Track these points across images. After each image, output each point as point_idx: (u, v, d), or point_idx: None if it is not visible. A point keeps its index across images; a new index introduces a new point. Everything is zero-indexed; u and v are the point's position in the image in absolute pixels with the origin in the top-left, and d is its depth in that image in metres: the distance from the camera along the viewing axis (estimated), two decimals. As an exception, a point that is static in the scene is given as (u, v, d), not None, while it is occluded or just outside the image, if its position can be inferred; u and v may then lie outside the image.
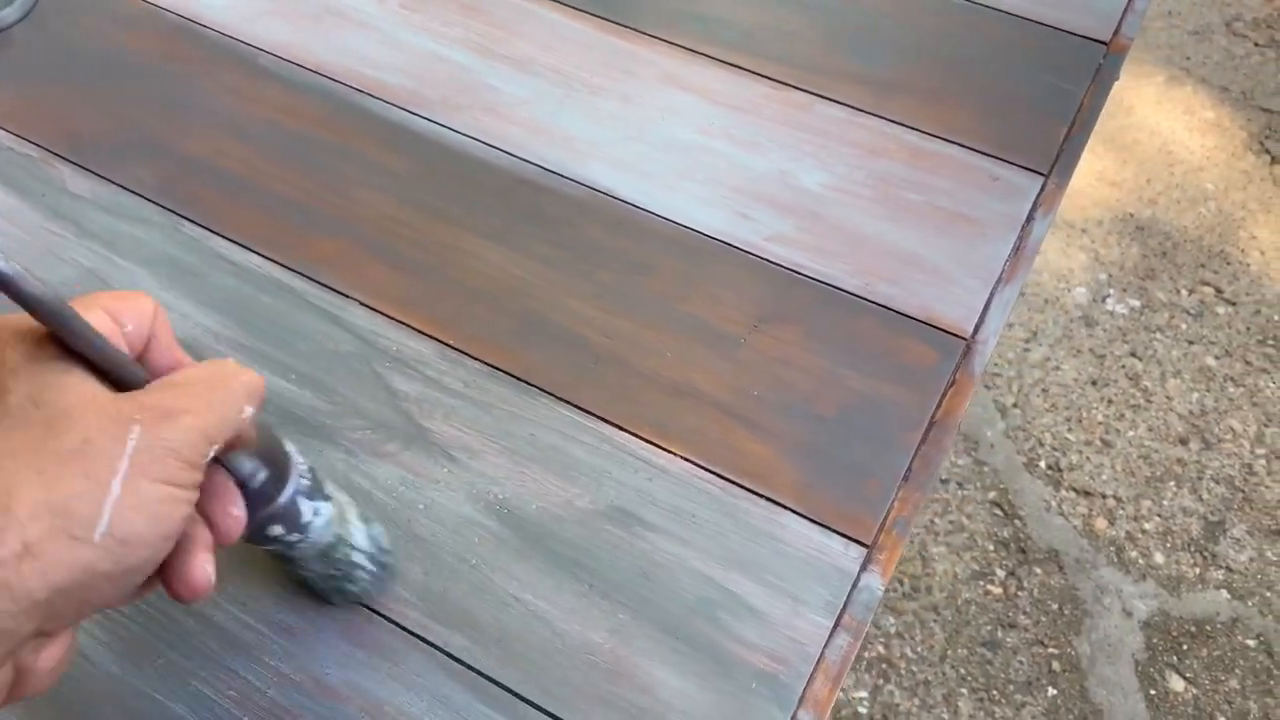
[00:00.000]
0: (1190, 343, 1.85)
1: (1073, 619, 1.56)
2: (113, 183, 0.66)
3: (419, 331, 0.59)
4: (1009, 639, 1.52)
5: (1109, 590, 1.59)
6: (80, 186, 0.66)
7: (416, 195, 0.65)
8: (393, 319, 0.60)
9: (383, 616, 0.49)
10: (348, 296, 0.61)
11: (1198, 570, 1.60)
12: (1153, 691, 1.49)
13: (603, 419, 0.56)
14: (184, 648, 0.48)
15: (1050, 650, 1.53)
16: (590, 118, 0.69)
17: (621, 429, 0.55)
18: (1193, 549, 1.62)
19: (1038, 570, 1.59)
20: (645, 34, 0.74)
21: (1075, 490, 1.67)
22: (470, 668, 0.48)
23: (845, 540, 0.51)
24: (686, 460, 0.54)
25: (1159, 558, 1.62)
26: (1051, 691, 1.49)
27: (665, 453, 0.54)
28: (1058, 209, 0.74)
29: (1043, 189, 0.65)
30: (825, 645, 0.48)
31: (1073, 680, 1.50)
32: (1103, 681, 1.49)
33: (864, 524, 0.51)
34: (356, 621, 0.49)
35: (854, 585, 0.50)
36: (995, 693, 1.47)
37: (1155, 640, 1.54)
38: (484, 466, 0.54)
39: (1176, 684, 1.50)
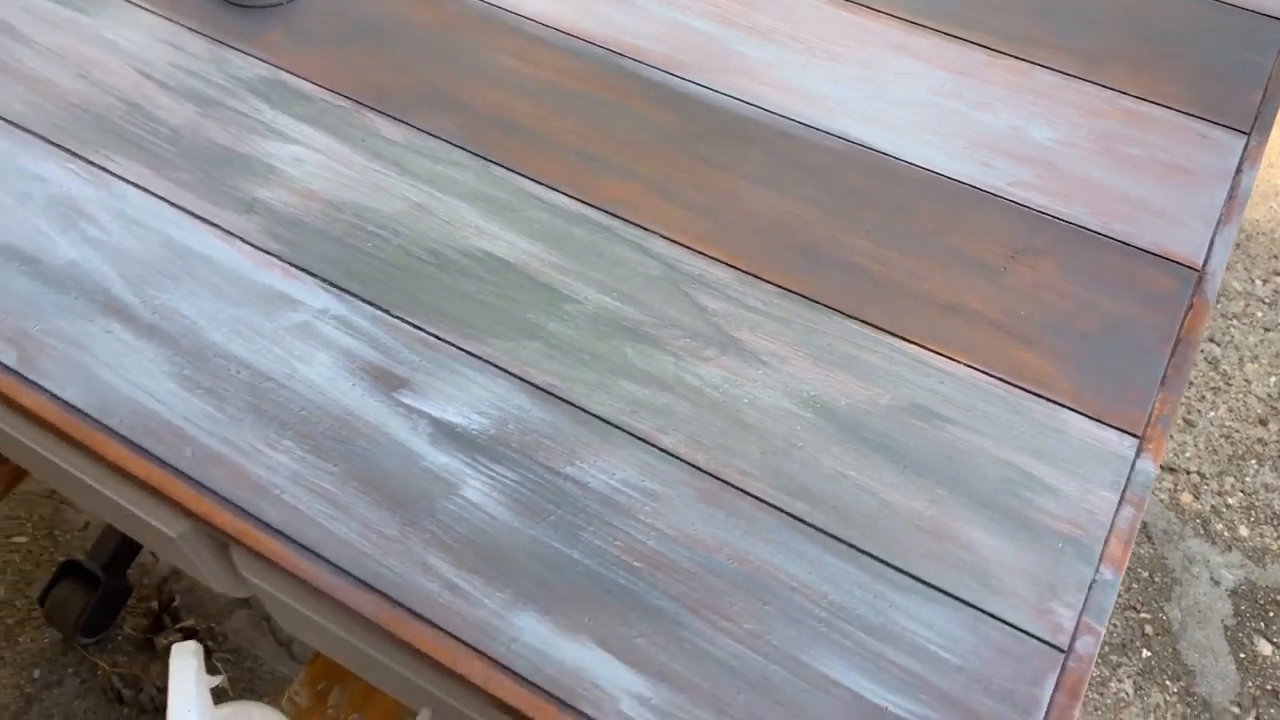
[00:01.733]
0: (1266, 329, 1.93)
1: (1163, 586, 1.63)
2: (422, 130, 0.75)
3: (715, 259, 0.68)
4: (1110, 601, 1.59)
5: (1197, 560, 1.66)
6: (393, 133, 0.75)
7: (690, 146, 0.74)
8: (690, 249, 0.68)
9: (731, 485, 0.58)
10: (648, 230, 0.69)
11: (1283, 543, 1.67)
12: (1242, 655, 1.57)
13: (889, 332, 0.64)
14: (570, 507, 0.57)
15: (1143, 615, 1.60)
16: (833, 79, 0.78)
17: (908, 340, 0.64)
18: (1276, 523, 1.70)
19: (1134, 538, 1.66)
20: (870, 8, 0.83)
21: (1161, 467, 1.74)
22: (815, 527, 0.56)
23: (1119, 433, 0.59)
24: (970, 367, 0.62)
25: (1244, 531, 1.69)
26: (1145, 653, 1.56)
27: (951, 361, 0.63)
28: (1261, 163, 0.83)
29: (1246, 145, 0.73)
30: (1114, 515, 0.56)
31: (1165, 643, 1.57)
32: (1194, 645, 1.57)
33: (1134, 419, 0.60)
34: (710, 489, 0.57)
35: (1131, 468, 0.58)
36: (1098, 650, 1.54)
37: (1243, 607, 1.61)
38: (793, 370, 0.62)
39: (1264, 648, 1.57)
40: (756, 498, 0.57)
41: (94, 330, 0.64)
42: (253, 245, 0.68)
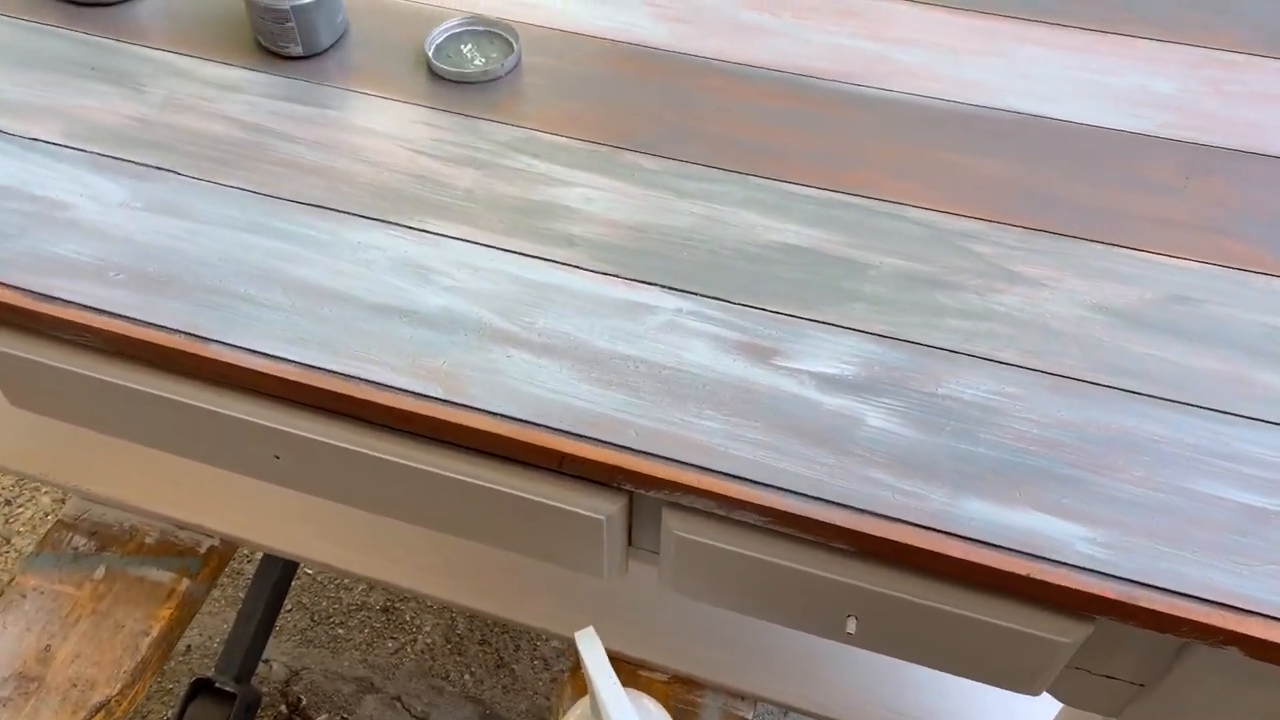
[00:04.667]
0: None
1: None
2: (676, 160, 0.87)
3: (963, 216, 0.82)
4: None
5: None
6: (653, 165, 0.87)
7: (896, 135, 0.89)
8: (940, 211, 0.83)
9: (1069, 378, 0.72)
10: (899, 204, 0.83)
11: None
12: None
13: (1123, 246, 0.80)
14: (958, 417, 0.70)
15: None
16: (982, 69, 0.95)
17: (1140, 250, 0.80)
18: None
19: None
20: (980, 11, 1.00)
21: None
22: (1148, 395, 0.71)
23: (1328, 287, 0.77)
24: (1198, 261, 0.79)
25: None
26: None
27: (1181, 260, 0.79)
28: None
29: (1314, 71, 0.93)
30: (1354, 345, 0.73)
31: None
32: None
33: (1335, 276, 0.77)
34: (1055, 384, 0.71)
35: (1349, 311, 0.75)
36: None
37: None
38: (1070, 286, 0.77)
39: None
40: (1093, 383, 0.71)
41: (496, 357, 0.73)
42: (590, 270, 0.79)
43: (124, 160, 0.86)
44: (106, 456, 1.21)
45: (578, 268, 0.79)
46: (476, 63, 0.95)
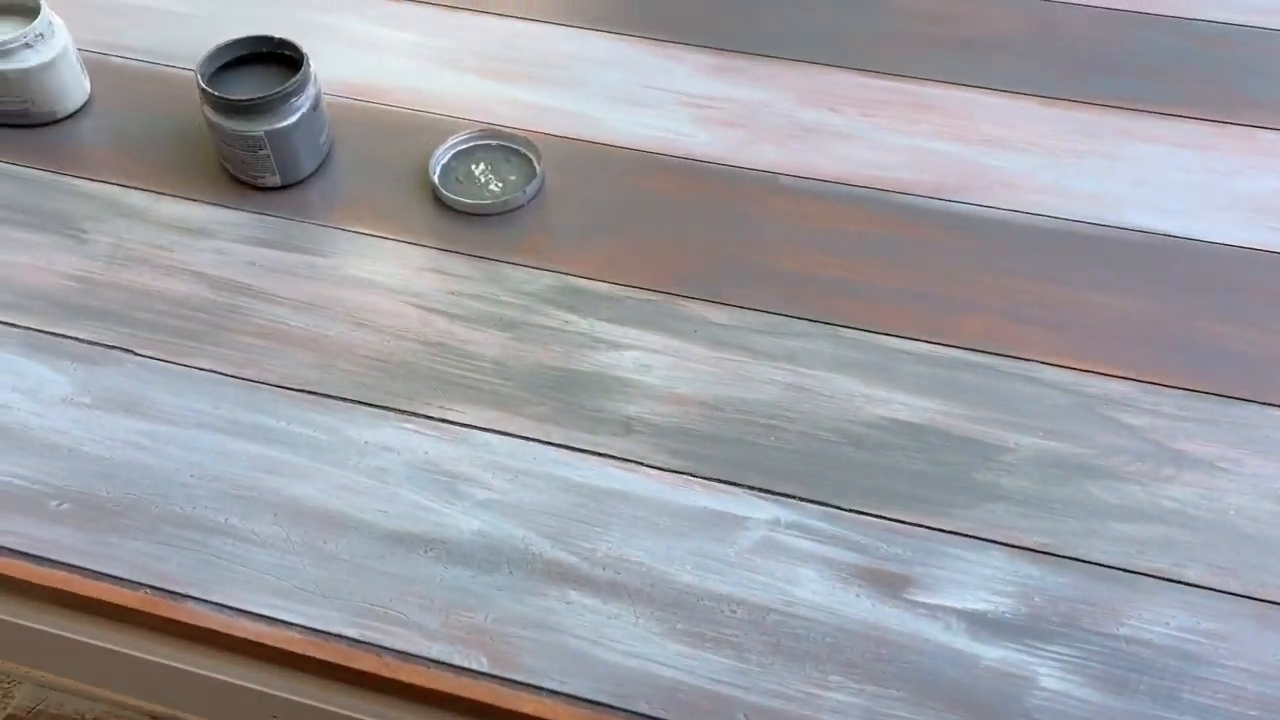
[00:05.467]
0: None
1: None
2: (745, 308, 0.72)
3: (1106, 375, 0.67)
4: None
5: None
6: (720, 317, 0.71)
7: (1005, 265, 0.74)
8: (1077, 369, 0.68)
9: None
10: (1025, 360, 0.68)
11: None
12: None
13: None
14: (1151, 671, 0.55)
15: None
16: (1090, 175, 0.80)
17: (1329, 415, 0.65)
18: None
19: None
20: (1073, 100, 0.86)
21: None
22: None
23: None
24: (1401, 427, 0.64)
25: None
26: None
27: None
28: None
29: None
30: None
31: None
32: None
33: None
34: (1264, 613, 0.56)
35: None
36: None
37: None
38: (1254, 469, 0.63)
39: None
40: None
41: (552, 605, 0.57)
42: (657, 467, 0.63)
43: (65, 337, 0.69)
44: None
45: (641, 464, 0.64)
46: (493, 188, 0.79)
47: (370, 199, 0.79)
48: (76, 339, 0.69)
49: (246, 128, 0.75)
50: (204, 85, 0.75)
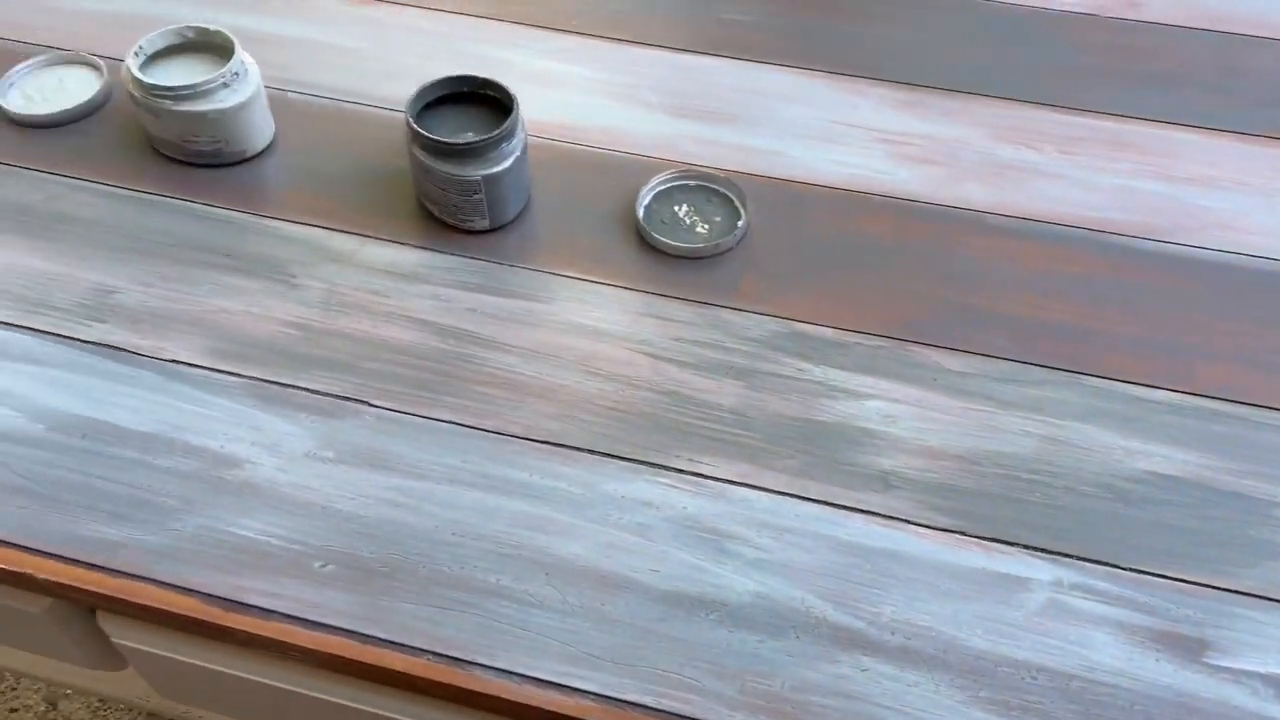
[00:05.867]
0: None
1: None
2: (981, 355, 0.70)
3: (1359, 425, 0.66)
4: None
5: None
6: (955, 364, 0.70)
7: (1235, 310, 0.73)
8: (1329, 420, 0.67)
9: None
10: (1276, 409, 0.67)
11: None
12: None
13: None
14: None
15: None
16: (1307, 216, 0.79)
17: None
18: None
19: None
20: (1274, 137, 0.85)
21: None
22: None
23: None
24: None
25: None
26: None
27: None
28: None
29: None
30: None
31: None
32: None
33: None
34: None
35: None
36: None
37: None
38: None
39: None
40: None
41: (846, 672, 0.56)
42: (925, 525, 0.62)
43: (295, 388, 0.68)
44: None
45: (907, 522, 0.62)
46: (700, 230, 0.78)
47: (574, 242, 0.77)
48: (307, 390, 0.68)
49: (462, 172, 0.74)
50: (417, 128, 0.74)
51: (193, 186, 0.81)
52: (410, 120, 0.75)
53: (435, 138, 0.73)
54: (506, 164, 0.75)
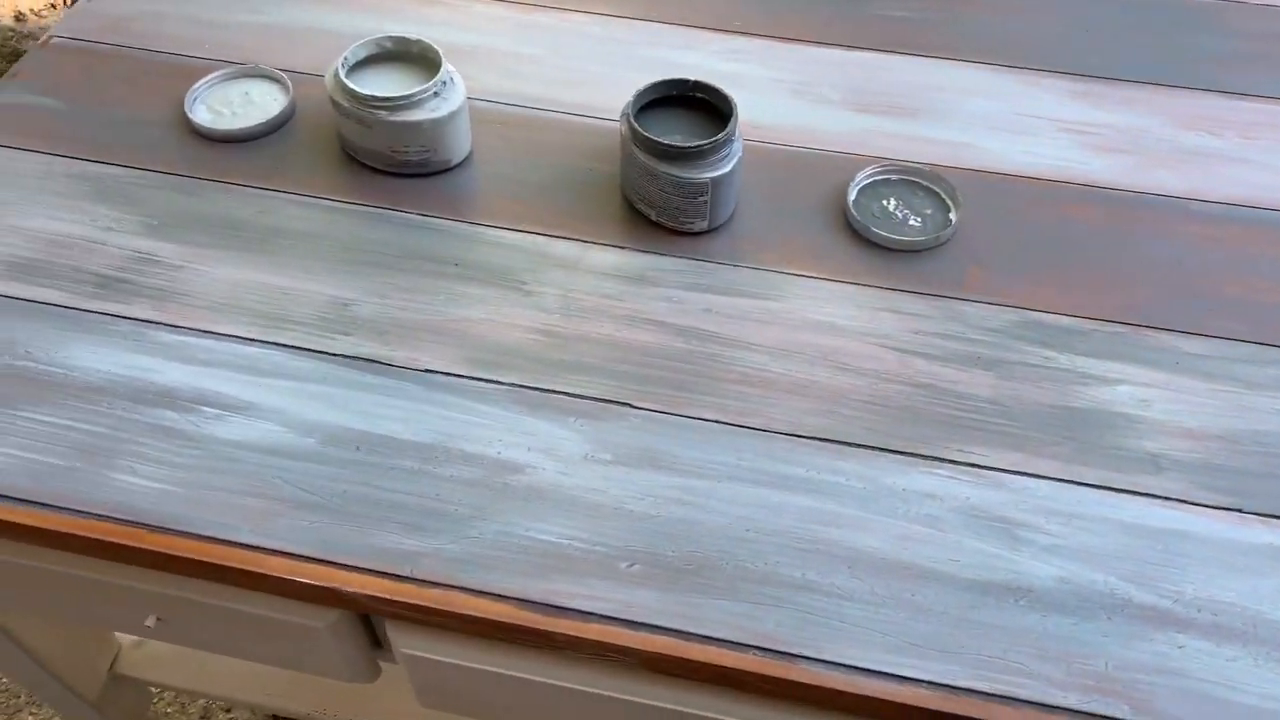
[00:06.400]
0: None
1: None
2: (1215, 337, 0.72)
3: None
4: None
5: None
6: (1192, 346, 0.71)
7: None
8: None
9: None
10: None
11: None
12: None
13: None
14: None
15: None
16: None
17: None
18: None
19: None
20: None
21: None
22: None
23: None
24: None
25: None
26: None
27: None
28: None
29: None
30: None
31: None
32: None
33: None
34: None
35: None
36: None
37: None
38: None
39: None
40: None
41: (1164, 650, 0.57)
42: (1201, 505, 0.63)
43: (554, 393, 0.68)
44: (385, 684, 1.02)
45: (1185, 502, 0.64)
46: (913, 223, 0.79)
47: (789, 240, 0.78)
48: (568, 394, 0.68)
49: (691, 174, 0.74)
50: (643, 132, 0.74)
51: (400, 197, 0.81)
52: (634, 124, 0.75)
53: (665, 141, 0.74)
54: (731, 165, 0.75)
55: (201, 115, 0.86)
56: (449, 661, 0.63)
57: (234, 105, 0.87)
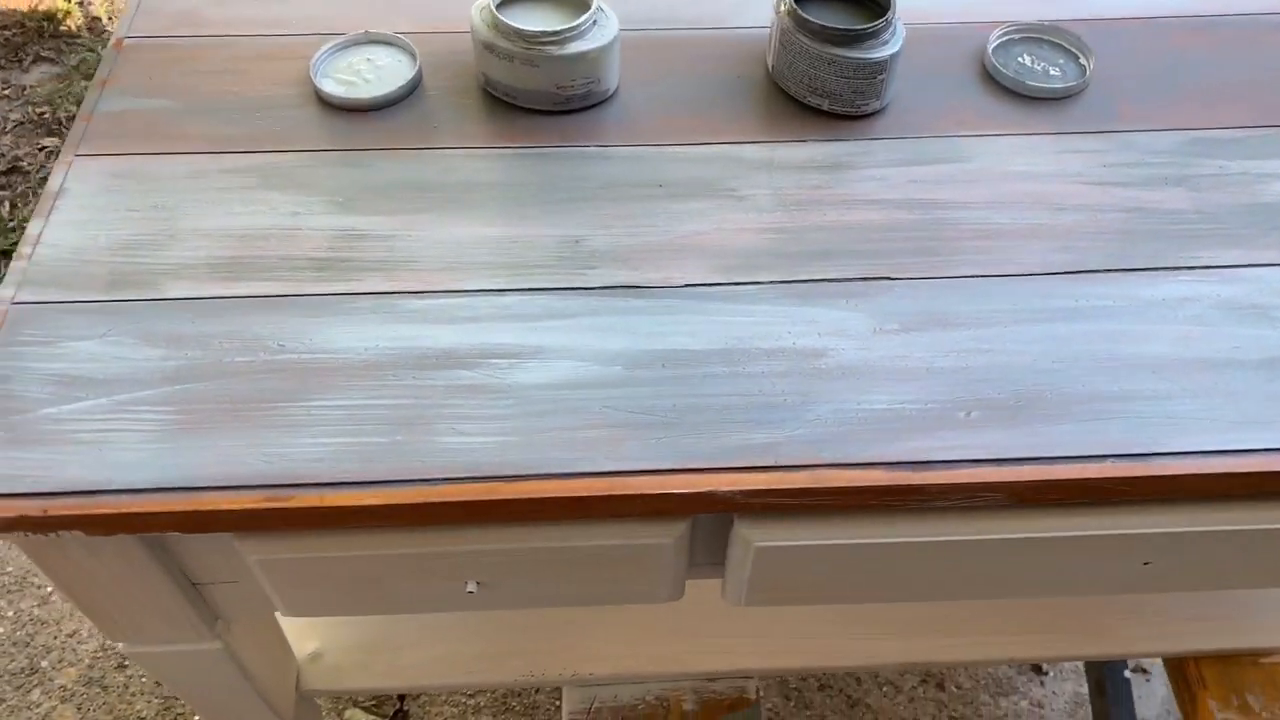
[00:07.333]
0: None
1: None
2: (1350, 123, 0.80)
3: None
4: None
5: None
6: (1336, 135, 0.80)
7: None
8: None
9: None
10: None
11: None
12: None
13: None
14: None
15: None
16: None
17: None
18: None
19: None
20: None
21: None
22: None
23: None
24: None
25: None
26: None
27: None
28: None
29: None
30: None
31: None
32: None
33: None
34: None
35: None
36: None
37: None
38: None
39: None
40: None
41: None
42: None
43: (814, 281, 0.71)
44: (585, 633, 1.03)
45: (1394, 263, 0.72)
46: (1053, 72, 0.84)
47: (950, 107, 0.82)
48: (828, 280, 0.71)
49: (868, 54, 0.77)
50: (817, 21, 0.77)
51: (570, 132, 0.81)
52: (803, 14, 0.77)
53: (842, 27, 0.76)
54: (901, 42, 0.79)
55: (332, 88, 0.82)
56: (807, 544, 0.66)
57: (362, 73, 0.84)
